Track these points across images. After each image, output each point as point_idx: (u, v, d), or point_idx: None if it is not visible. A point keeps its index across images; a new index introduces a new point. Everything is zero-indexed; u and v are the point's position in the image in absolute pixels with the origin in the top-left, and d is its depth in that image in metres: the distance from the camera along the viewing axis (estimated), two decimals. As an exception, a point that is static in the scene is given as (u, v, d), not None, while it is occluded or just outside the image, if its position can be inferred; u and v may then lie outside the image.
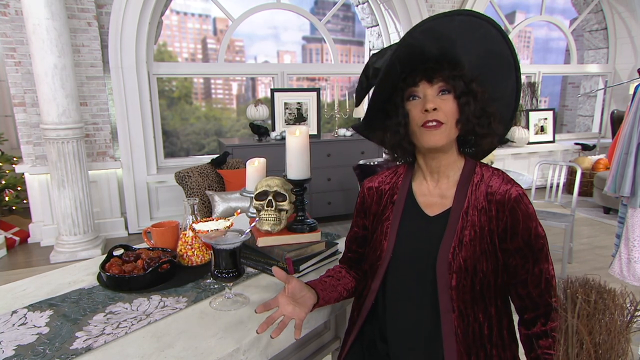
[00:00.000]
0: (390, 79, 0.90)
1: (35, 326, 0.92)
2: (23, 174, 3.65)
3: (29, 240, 3.72)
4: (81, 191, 3.24)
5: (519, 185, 0.91)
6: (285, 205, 1.20)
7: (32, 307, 1.00)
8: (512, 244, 0.88)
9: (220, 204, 3.02)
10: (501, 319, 0.91)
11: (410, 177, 1.00)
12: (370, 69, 0.96)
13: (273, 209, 1.20)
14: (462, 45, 0.88)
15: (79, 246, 3.28)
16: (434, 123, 0.87)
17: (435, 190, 0.95)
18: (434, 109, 0.86)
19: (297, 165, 1.19)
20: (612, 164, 2.05)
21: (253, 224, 1.09)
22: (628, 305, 0.64)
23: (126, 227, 3.93)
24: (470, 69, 0.90)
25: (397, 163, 1.04)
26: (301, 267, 1.17)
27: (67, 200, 3.19)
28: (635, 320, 0.64)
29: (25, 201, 3.87)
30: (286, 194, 1.21)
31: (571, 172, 4.60)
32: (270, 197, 1.20)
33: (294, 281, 0.91)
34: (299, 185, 1.21)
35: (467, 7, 4.64)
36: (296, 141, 1.17)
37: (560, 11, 6.17)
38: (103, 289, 1.11)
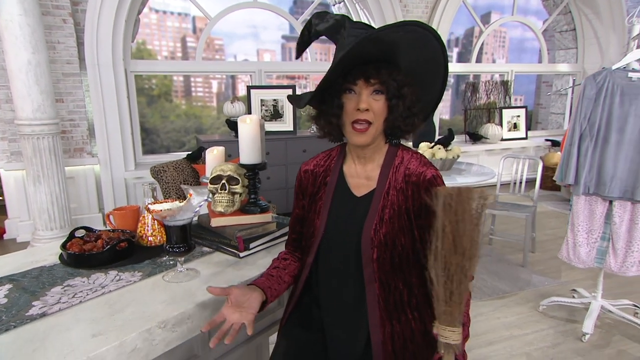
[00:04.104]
0: (333, 77, 0.97)
1: (-6, 297, 0.99)
2: (-2, 170, 3.66)
3: (5, 236, 3.73)
4: (57, 186, 3.26)
5: (434, 167, 1.01)
6: (238, 188, 1.29)
7: (-7, 282, 1.07)
8: (426, 220, 0.98)
9: (195, 197, 3.09)
10: (422, 285, 1.01)
11: (342, 160, 1.09)
12: (313, 29, 1.01)
13: (226, 191, 1.28)
14: (404, 51, 0.96)
15: (56, 241, 3.30)
16: (364, 125, 0.96)
17: (362, 173, 1.05)
18: (366, 109, 0.95)
19: (248, 151, 1.28)
20: (562, 155, 2.18)
21: (203, 202, 1.18)
22: (478, 198, 0.80)
23: (104, 223, 3.96)
24: (407, 73, 0.97)
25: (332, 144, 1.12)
26: (251, 245, 1.26)
27: (43, 195, 3.21)
28: (483, 210, 0.80)
29: (0, 197, 3.87)
30: (239, 178, 1.29)
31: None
32: (223, 181, 1.28)
33: (234, 290, 0.96)
34: (251, 170, 1.30)
35: (439, 8, 4.78)
36: (247, 128, 1.26)
37: (534, 12, 6.36)
38: (64, 266, 1.18)
